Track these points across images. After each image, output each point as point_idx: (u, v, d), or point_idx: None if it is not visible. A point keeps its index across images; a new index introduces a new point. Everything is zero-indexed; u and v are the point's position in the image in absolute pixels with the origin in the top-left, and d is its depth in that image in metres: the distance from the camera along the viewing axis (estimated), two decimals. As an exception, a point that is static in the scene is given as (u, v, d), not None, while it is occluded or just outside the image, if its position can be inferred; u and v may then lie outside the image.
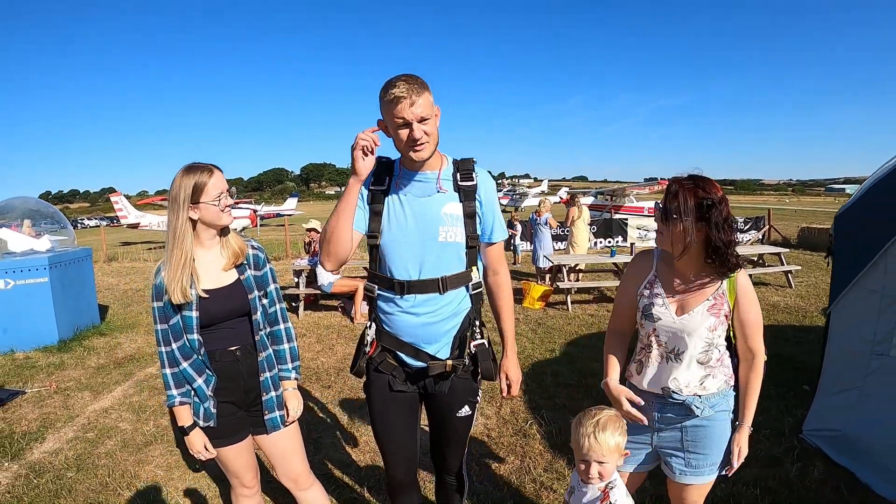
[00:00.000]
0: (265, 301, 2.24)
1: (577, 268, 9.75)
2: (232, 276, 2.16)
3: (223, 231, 2.17)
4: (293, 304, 8.67)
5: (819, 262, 12.40)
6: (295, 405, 2.31)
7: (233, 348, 2.16)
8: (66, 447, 4.06)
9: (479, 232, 2.08)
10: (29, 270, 6.57)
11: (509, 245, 14.30)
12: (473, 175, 2.06)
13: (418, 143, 1.87)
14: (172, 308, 2.05)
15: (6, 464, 3.84)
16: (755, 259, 10.25)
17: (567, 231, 11.08)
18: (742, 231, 16.96)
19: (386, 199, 2.05)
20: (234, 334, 2.17)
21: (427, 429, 2.31)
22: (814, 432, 3.63)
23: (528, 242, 13.26)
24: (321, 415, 4.55)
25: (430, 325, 2.04)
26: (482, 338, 2.14)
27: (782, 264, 9.67)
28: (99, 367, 6.07)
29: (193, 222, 2.07)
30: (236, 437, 2.22)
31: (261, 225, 32.86)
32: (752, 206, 44.28)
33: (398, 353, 2.09)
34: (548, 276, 10.04)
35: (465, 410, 2.17)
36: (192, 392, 2.11)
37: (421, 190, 2.03)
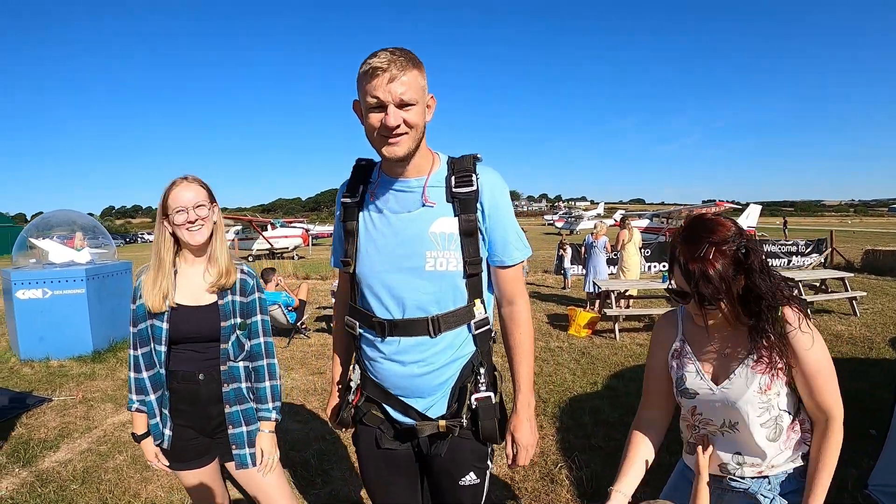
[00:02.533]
0: (240, 333, 2.04)
1: (626, 293, 9.25)
2: (211, 298, 2.03)
3: (206, 248, 2.04)
4: (329, 325, 8.59)
5: (886, 287, 11.55)
6: (267, 447, 2.07)
7: (197, 372, 2.02)
8: (76, 458, 4.02)
9: (482, 254, 1.62)
10: (67, 281, 6.74)
11: (559, 269, 13.82)
12: (473, 178, 1.57)
13: (393, 133, 1.45)
14: (143, 314, 1.98)
15: (17, 470, 3.85)
16: (817, 285, 9.56)
17: (617, 255, 10.65)
18: (803, 254, 16.03)
19: (360, 215, 1.66)
20: (201, 358, 2.03)
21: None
22: (882, 488, 3.05)
23: (580, 266, 12.79)
24: (334, 444, 4.29)
25: (420, 376, 1.61)
26: (488, 389, 1.66)
27: (846, 290, 8.96)
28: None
29: (174, 235, 1.99)
30: (196, 462, 2.09)
31: (313, 244, 33.48)
32: (814, 228, 42.30)
33: (384, 405, 1.70)
34: (597, 303, 9.54)
35: (471, 478, 1.69)
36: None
37: (401, 203, 1.60)
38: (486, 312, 1.67)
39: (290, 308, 7.68)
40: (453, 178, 1.59)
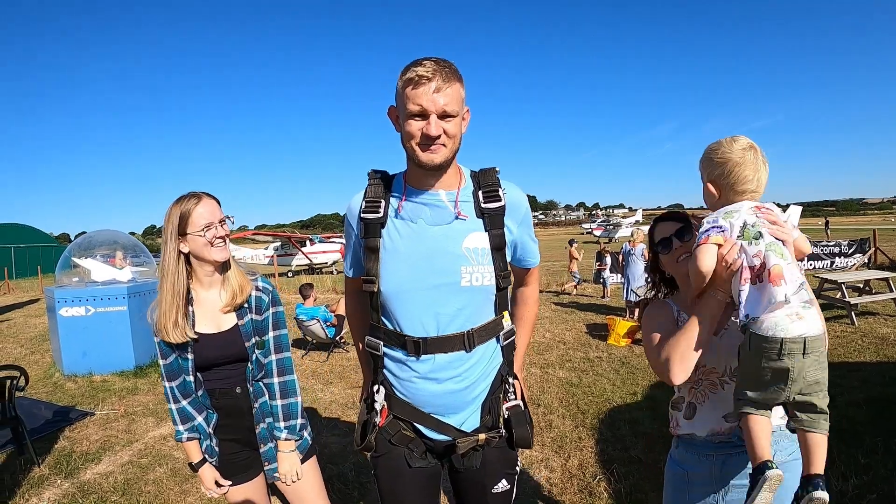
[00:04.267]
0: (258, 352, 2.03)
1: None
2: (231, 321, 2.00)
3: (223, 267, 2.00)
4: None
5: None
6: (286, 469, 2.03)
7: (234, 387, 2.04)
8: (117, 470, 4.13)
9: (509, 268, 1.69)
10: (109, 299, 6.97)
11: (598, 278, 13.66)
12: (500, 192, 1.61)
13: (433, 142, 1.47)
14: (168, 347, 1.94)
15: (59, 481, 3.97)
16: (861, 286, 9.21)
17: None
18: (846, 255, 15.52)
19: (384, 230, 1.62)
20: (235, 374, 2.04)
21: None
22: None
23: (619, 275, 12.59)
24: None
25: (456, 392, 1.61)
26: (516, 397, 1.72)
27: (891, 290, 8.61)
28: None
29: (186, 256, 1.95)
30: (242, 476, 2.10)
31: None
32: (856, 228, 40.99)
33: (416, 424, 1.67)
34: (637, 311, 9.29)
35: (503, 485, 1.72)
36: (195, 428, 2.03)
37: (433, 216, 1.59)
38: (512, 324, 1.71)
39: (328, 323, 7.77)
40: (480, 192, 1.62)
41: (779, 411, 1.50)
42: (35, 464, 4.21)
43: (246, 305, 2.01)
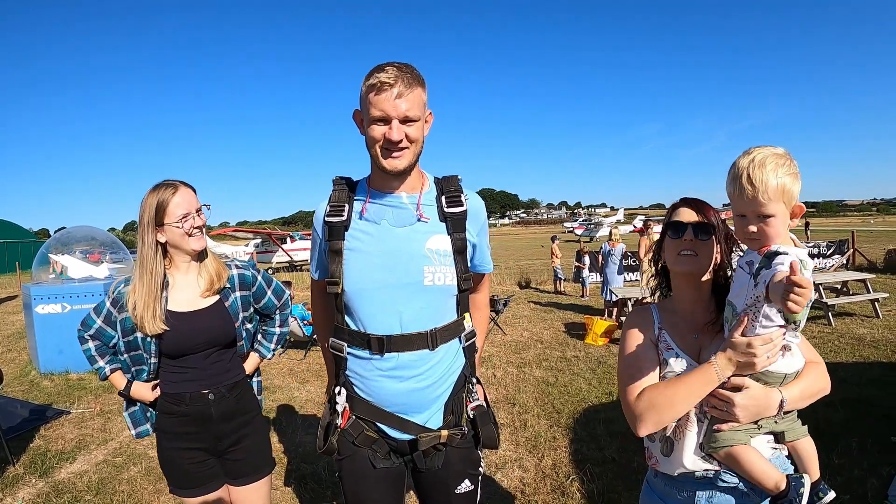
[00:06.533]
0: (249, 325, 2.14)
1: (644, 301, 9.07)
2: (211, 301, 2.02)
3: (200, 256, 2.02)
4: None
5: (911, 288, 11.22)
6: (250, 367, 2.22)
7: (205, 391, 2.02)
8: (92, 469, 4.10)
9: (470, 271, 1.74)
10: (85, 296, 6.88)
11: (578, 277, 13.76)
12: (462, 198, 1.68)
13: (396, 147, 1.52)
14: (132, 326, 1.96)
15: (33, 480, 3.93)
16: (839, 287, 9.36)
17: (639, 262, 10.51)
18: (825, 256, 15.73)
19: (347, 233, 1.65)
20: (206, 375, 2.02)
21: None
22: (903, 498, 3.00)
23: (598, 274, 12.69)
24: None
25: (419, 390, 1.63)
26: (480, 398, 1.75)
27: (868, 292, 8.77)
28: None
29: (163, 245, 1.95)
30: (206, 486, 2.10)
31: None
32: (835, 229, 41.58)
33: (378, 424, 1.69)
34: (614, 311, 9.42)
35: (466, 485, 1.74)
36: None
37: (396, 218, 1.63)
38: (472, 326, 1.76)
39: (306, 322, 7.74)
40: (443, 198, 1.68)
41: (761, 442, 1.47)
42: (9, 463, 4.15)
43: (228, 286, 2.05)
